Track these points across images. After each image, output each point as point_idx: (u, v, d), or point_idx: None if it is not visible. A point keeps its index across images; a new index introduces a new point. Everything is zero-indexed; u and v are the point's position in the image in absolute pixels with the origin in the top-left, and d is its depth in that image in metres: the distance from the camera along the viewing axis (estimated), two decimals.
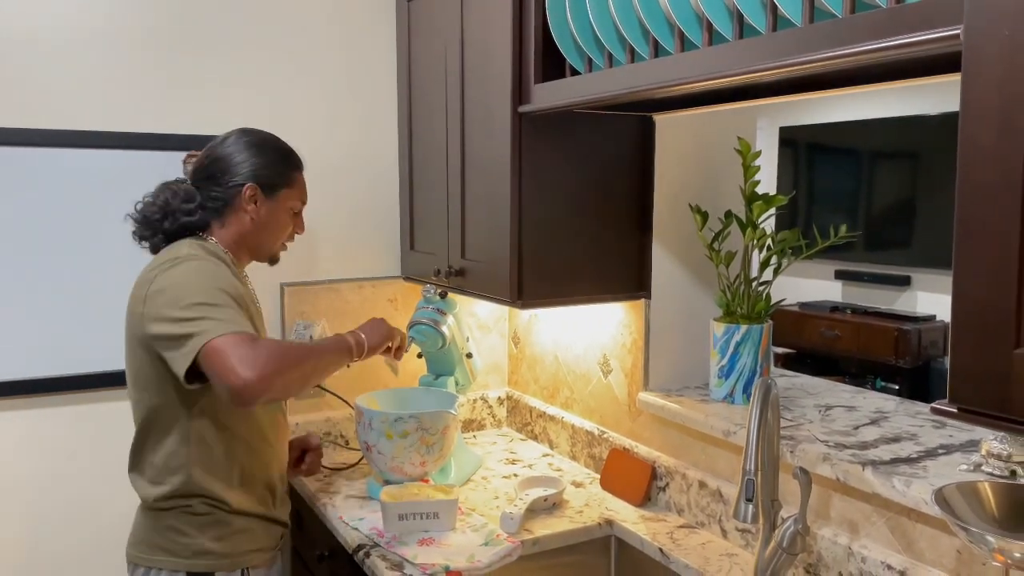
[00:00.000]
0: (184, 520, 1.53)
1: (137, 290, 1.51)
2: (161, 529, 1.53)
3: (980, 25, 0.82)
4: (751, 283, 1.73)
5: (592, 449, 2.07)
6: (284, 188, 1.64)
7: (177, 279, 1.46)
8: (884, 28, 0.97)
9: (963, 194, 0.85)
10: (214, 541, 1.54)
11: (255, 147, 1.62)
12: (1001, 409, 0.84)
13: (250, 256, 1.67)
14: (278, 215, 1.64)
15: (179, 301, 1.42)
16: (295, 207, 1.68)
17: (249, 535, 1.58)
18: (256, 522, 1.60)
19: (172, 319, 1.41)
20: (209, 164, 1.61)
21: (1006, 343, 0.82)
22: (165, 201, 1.59)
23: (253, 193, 1.60)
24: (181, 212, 1.59)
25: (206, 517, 1.53)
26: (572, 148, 1.77)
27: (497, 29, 1.73)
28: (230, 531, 1.55)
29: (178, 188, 1.61)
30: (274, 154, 1.64)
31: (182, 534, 1.53)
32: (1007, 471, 1.27)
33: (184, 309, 1.40)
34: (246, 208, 1.60)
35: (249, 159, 1.60)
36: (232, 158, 1.60)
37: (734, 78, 1.19)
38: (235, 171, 1.59)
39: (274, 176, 1.62)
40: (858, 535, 1.40)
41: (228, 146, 1.62)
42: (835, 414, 1.65)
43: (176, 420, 1.51)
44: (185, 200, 1.59)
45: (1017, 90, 0.79)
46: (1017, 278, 0.81)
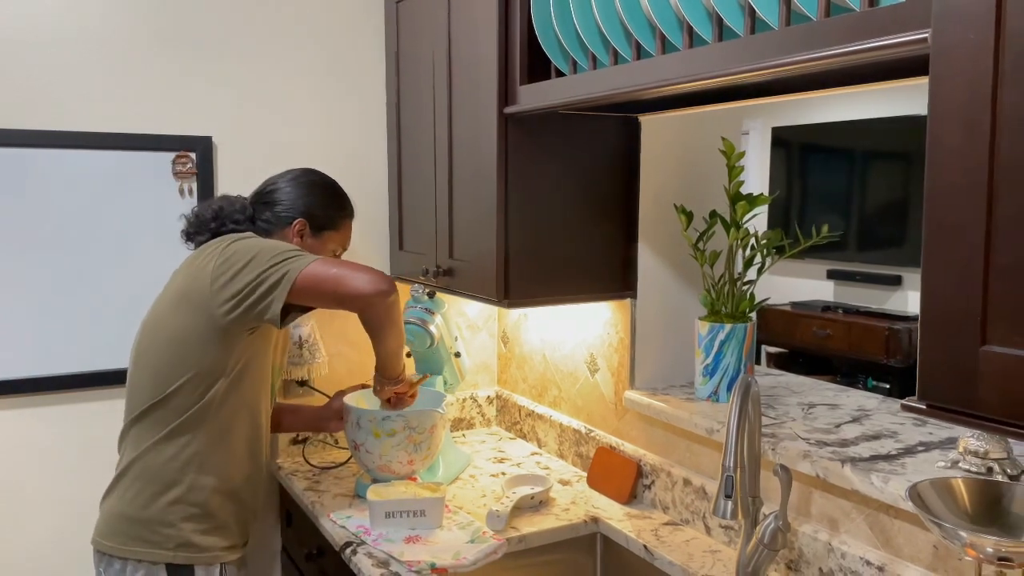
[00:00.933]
0: (174, 511, 1.56)
1: (198, 268, 1.56)
2: (145, 520, 1.56)
3: (946, 29, 0.83)
4: (735, 282, 1.75)
5: (579, 447, 2.08)
6: (330, 231, 1.78)
7: (254, 244, 1.56)
8: (857, 31, 0.99)
9: (931, 195, 0.86)
10: (199, 534, 1.57)
11: (316, 187, 1.78)
12: (968, 405, 0.86)
13: None
14: (318, 252, 1.73)
15: (264, 255, 1.52)
16: (336, 250, 1.81)
17: (227, 531, 1.63)
18: (233, 518, 1.65)
19: (258, 267, 1.50)
20: (269, 192, 1.76)
21: (972, 340, 0.84)
22: (220, 207, 1.72)
23: (302, 228, 1.73)
24: (231, 220, 1.70)
25: (196, 508, 1.57)
26: (558, 149, 1.78)
27: (483, 31, 1.75)
28: (213, 525, 1.60)
29: (235, 199, 1.75)
30: (329, 198, 1.79)
31: (168, 525, 1.55)
32: (984, 468, 1.28)
33: (272, 258, 1.51)
34: (291, 239, 1.72)
35: (306, 196, 1.75)
36: (291, 191, 1.75)
37: (713, 80, 1.21)
38: (290, 203, 1.74)
39: (324, 218, 1.76)
40: (838, 531, 1.42)
41: (289, 180, 1.77)
42: (818, 412, 1.67)
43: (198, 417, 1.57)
44: (238, 211, 1.71)
45: (982, 92, 0.81)
46: (983, 277, 0.83)
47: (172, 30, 2.04)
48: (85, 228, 1.98)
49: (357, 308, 1.54)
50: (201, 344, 1.55)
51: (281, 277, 1.49)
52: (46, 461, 2.00)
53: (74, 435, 2.02)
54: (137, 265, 2.03)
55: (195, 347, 1.55)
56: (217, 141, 2.09)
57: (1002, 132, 0.80)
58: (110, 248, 2.00)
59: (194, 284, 1.56)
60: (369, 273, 1.51)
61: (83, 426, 2.03)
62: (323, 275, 1.49)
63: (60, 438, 2.01)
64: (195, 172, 2.06)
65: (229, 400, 1.60)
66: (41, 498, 2.00)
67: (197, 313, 1.54)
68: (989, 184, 0.81)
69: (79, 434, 2.03)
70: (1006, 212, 0.81)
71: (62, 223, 1.96)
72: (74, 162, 1.95)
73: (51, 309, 1.96)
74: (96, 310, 2.00)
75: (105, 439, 2.02)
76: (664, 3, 1.29)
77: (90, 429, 2.03)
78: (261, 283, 1.50)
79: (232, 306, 1.52)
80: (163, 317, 1.60)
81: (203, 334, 1.54)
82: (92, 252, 1.99)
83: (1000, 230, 0.81)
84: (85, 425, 2.03)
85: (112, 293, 2.01)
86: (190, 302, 1.56)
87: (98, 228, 1.99)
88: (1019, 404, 0.81)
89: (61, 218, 1.96)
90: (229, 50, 2.10)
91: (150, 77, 2.02)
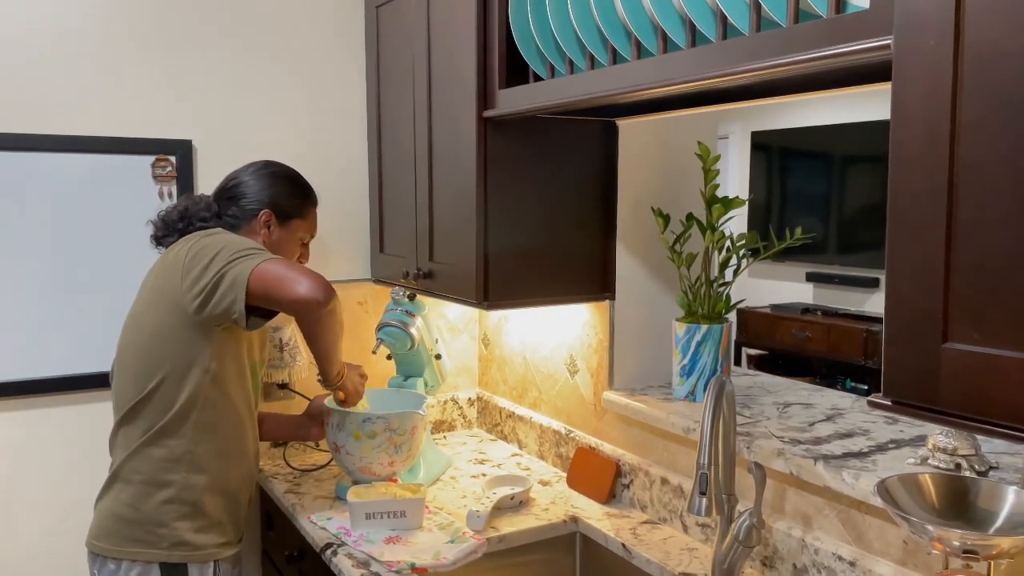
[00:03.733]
0: (167, 510, 1.58)
1: (170, 263, 1.59)
2: (140, 520, 1.57)
3: (907, 35, 0.86)
4: (711, 284, 1.77)
5: (559, 448, 2.10)
6: (297, 219, 1.79)
7: (219, 240, 1.58)
8: (824, 38, 1.01)
9: (893, 198, 0.89)
10: (192, 532, 1.59)
11: (278, 177, 1.79)
12: (931, 402, 0.88)
13: None
14: (287, 242, 1.78)
15: (225, 252, 1.54)
16: (304, 238, 1.83)
17: (221, 528, 1.65)
18: (226, 515, 1.67)
19: (219, 263, 1.52)
20: (232, 187, 1.78)
21: (934, 338, 0.87)
22: (185, 207, 1.73)
23: (268, 218, 1.75)
24: (198, 218, 1.71)
25: (189, 507, 1.59)
26: (537, 152, 1.80)
27: (462, 35, 1.77)
28: (207, 523, 1.62)
29: (199, 198, 1.76)
30: (292, 187, 1.81)
31: (162, 525, 1.57)
32: (952, 464, 1.32)
33: (232, 255, 1.53)
34: (259, 231, 1.74)
35: (269, 187, 1.76)
36: (254, 183, 1.76)
37: (687, 84, 1.23)
38: (254, 196, 1.75)
39: (290, 207, 1.78)
40: (811, 527, 1.44)
41: (251, 173, 1.78)
42: (792, 411, 1.70)
43: (183, 415, 1.58)
44: (203, 209, 1.72)
45: (941, 98, 0.83)
46: (944, 277, 0.85)
47: (152, 34, 2.04)
48: (65, 231, 1.98)
49: (293, 313, 1.55)
50: (177, 339, 1.56)
51: (236, 276, 1.51)
52: (35, 464, 1.99)
53: (59, 438, 2.02)
54: (118, 268, 2.02)
55: (171, 342, 1.57)
56: (197, 144, 2.10)
57: (961, 136, 0.83)
58: (90, 251, 2.00)
59: (167, 281, 1.58)
60: (312, 280, 1.51)
61: (67, 430, 2.02)
62: (269, 276, 1.51)
63: (45, 441, 2.00)
64: (175, 175, 2.06)
65: (212, 397, 1.61)
66: (33, 500, 1.99)
67: (171, 308, 1.57)
68: (949, 187, 0.84)
69: (64, 437, 2.02)
70: (966, 214, 0.83)
71: (42, 226, 1.95)
72: (54, 166, 1.95)
73: (32, 313, 1.96)
74: (78, 313, 1.99)
75: (92, 441, 2.02)
76: (639, 9, 1.31)
77: (75, 432, 2.02)
78: (221, 280, 1.52)
79: (201, 302, 1.54)
80: (141, 315, 1.62)
81: (178, 329, 1.56)
82: (72, 255, 1.99)
83: (960, 231, 0.84)
84: (69, 428, 2.02)
85: (93, 296, 2.01)
86: (164, 298, 1.58)
87: (78, 231, 1.99)
88: (979, 399, 0.84)
89: (41, 221, 1.95)
90: (209, 54, 2.11)
91: (130, 81, 2.02)
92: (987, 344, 0.83)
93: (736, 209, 1.74)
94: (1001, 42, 0.78)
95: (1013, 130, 0.78)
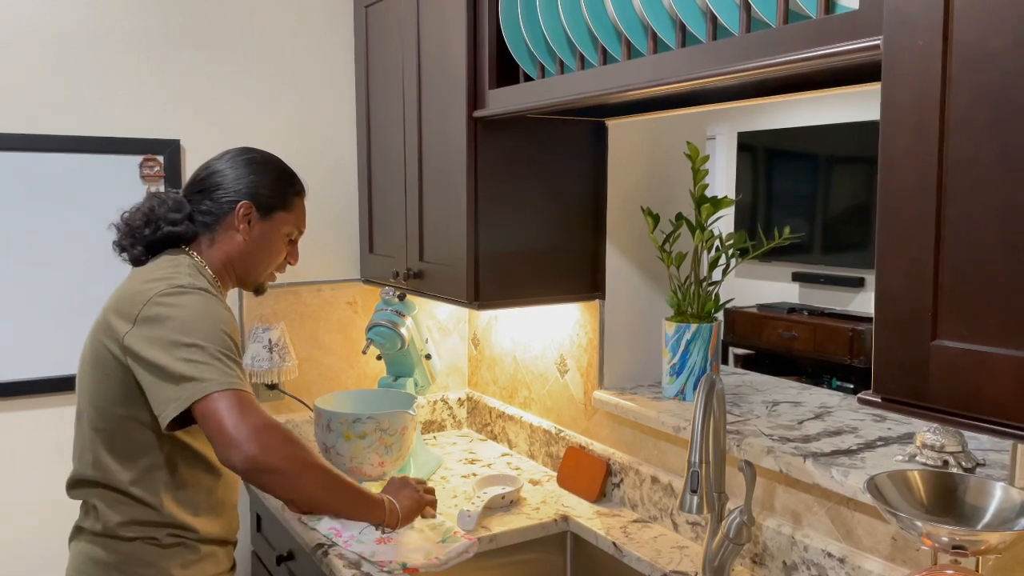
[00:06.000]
0: (148, 551, 1.43)
1: (123, 304, 1.39)
2: (119, 562, 1.42)
3: (897, 36, 0.87)
4: (701, 283, 1.78)
5: (550, 448, 2.11)
6: (281, 211, 1.56)
7: (180, 313, 1.35)
8: (814, 38, 1.02)
9: (883, 195, 0.90)
10: (180, 568, 1.45)
11: (257, 163, 1.56)
12: (920, 398, 0.89)
13: (236, 282, 1.58)
14: (271, 238, 1.56)
15: (181, 337, 1.32)
16: (291, 233, 1.60)
17: (213, 559, 1.52)
18: (219, 547, 1.54)
19: (169, 353, 1.31)
20: (204, 177, 1.55)
21: (924, 335, 0.87)
22: (151, 208, 1.51)
23: (248, 211, 1.52)
24: (165, 221, 1.50)
25: (173, 549, 1.45)
26: (528, 152, 1.81)
27: (452, 36, 1.77)
28: (197, 558, 1.48)
29: (166, 197, 1.53)
30: (274, 174, 1.57)
31: (146, 565, 1.43)
32: (940, 461, 1.33)
33: (188, 357, 1.31)
34: (238, 227, 1.52)
35: (247, 176, 1.53)
36: (229, 173, 1.53)
37: (677, 84, 1.24)
38: (231, 186, 1.52)
39: (272, 197, 1.55)
40: (801, 525, 1.45)
41: (226, 161, 1.55)
42: (781, 409, 1.71)
43: (146, 442, 1.41)
44: (172, 209, 1.51)
45: (930, 96, 0.84)
46: (933, 274, 0.86)
47: (140, 33, 2.03)
48: (52, 232, 1.96)
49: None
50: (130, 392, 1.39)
51: (179, 396, 1.30)
52: (30, 465, 1.98)
53: (44, 440, 2.00)
54: (105, 269, 2.01)
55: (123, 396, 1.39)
56: (185, 144, 2.09)
57: (950, 135, 0.84)
58: (77, 252, 1.99)
59: (109, 333, 1.39)
60: (254, 445, 1.28)
61: (53, 431, 2.01)
62: (211, 419, 1.29)
63: (31, 443, 1.99)
64: (163, 175, 2.05)
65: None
66: (30, 501, 1.98)
67: (113, 344, 1.38)
68: (939, 185, 0.85)
69: (49, 438, 2.00)
70: (955, 211, 0.84)
71: (28, 227, 1.94)
72: (41, 165, 1.94)
73: (17, 314, 1.94)
74: (64, 314, 1.98)
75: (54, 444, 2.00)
76: (629, 10, 1.32)
77: (60, 434, 2.01)
78: (165, 377, 1.31)
79: (134, 367, 1.35)
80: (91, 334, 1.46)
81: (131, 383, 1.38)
82: (59, 256, 1.97)
83: (949, 229, 0.85)
84: (55, 429, 2.01)
85: (81, 296, 1.99)
86: (107, 350, 1.39)
87: (65, 232, 1.97)
88: (968, 396, 0.85)
89: (27, 222, 1.94)
90: (197, 53, 2.10)
91: (118, 80, 2.01)
92: (976, 341, 0.84)
93: (725, 209, 1.75)
94: (988, 42, 0.79)
95: (1001, 128, 0.79)
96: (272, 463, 1.32)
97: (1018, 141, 0.78)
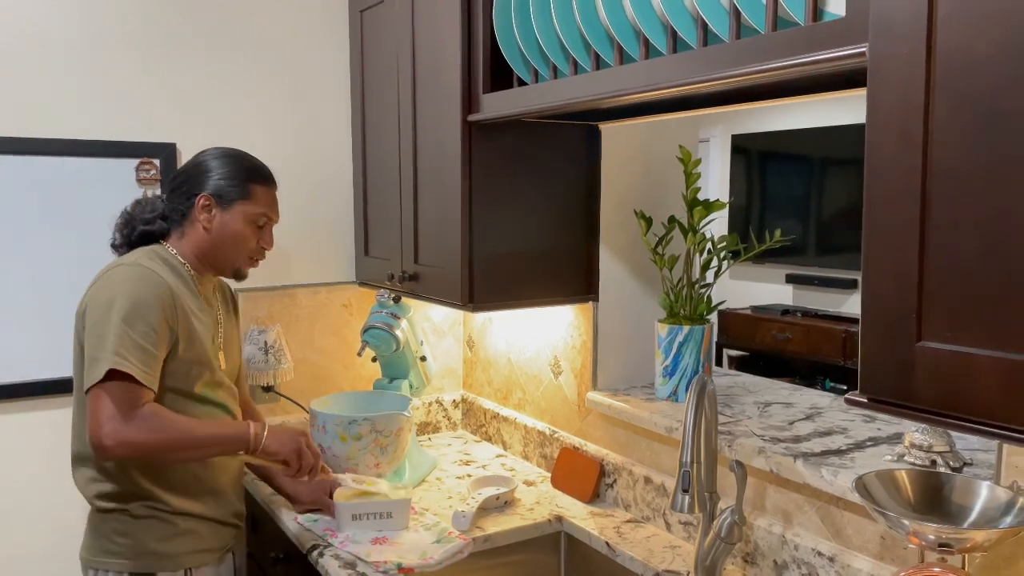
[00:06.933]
0: (125, 522, 1.56)
1: (85, 295, 1.58)
2: (106, 531, 1.57)
3: (882, 43, 0.89)
4: (693, 286, 1.80)
5: (544, 449, 2.12)
6: (239, 200, 1.65)
7: (102, 295, 1.52)
8: (802, 45, 1.04)
9: (869, 199, 0.91)
10: (157, 542, 1.57)
11: (218, 159, 1.67)
12: (905, 398, 0.91)
13: (213, 269, 1.68)
14: (232, 226, 1.64)
15: (99, 322, 1.48)
16: (256, 220, 1.67)
17: (194, 536, 1.61)
18: (202, 523, 1.62)
19: (90, 336, 1.49)
20: (175, 177, 1.71)
21: (909, 336, 0.89)
22: (130, 212, 1.68)
23: (207, 203, 1.63)
24: (140, 221, 1.66)
25: (148, 520, 1.56)
26: (522, 156, 1.82)
27: (447, 40, 1.78)
28: (174, 532, 1.58)
29: (146, 200, 1.70)
30: (234, 167, 1.66)
31: (124, 535, 1.56)
32: (928, 460, 1.35)
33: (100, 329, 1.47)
34: (199, 217, 1.64)
35: (207, 170, 1.66)
36: (192, 169, 1.67)
37: (668, 90, 1.25)
38: (196, 182, 1.65)
39: (229, 187, 1.64)
40: (791, 524, 1.47)
41: (196, 160, 1.69)
42: (773, 410, 1.72)
43: None
44: (145, 210, 1.67)
45: (914, 103, 0.86)
46: (918, 278, 0.88)
47: (136, 37, 2.04)
48: (48, 235, 1.97)
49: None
50: None
51: (86, 377, 1.46)
52: (30, 467, 1.99)
53: (38, 441, 2.01)
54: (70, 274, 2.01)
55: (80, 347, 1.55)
56: (181, 147, 2.10)
57: (934, 140, 0.86)
58: (74, 255, 1.99)
59: (77, 322, 1.57)
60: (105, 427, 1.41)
61: (47, 432, 2.01)
62: (90, 406, 1.44)
63: (26, 445, 2.00)
64: (159, 178, 2.06)
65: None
66: (31, 503, 1.99)
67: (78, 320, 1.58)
68: (923, 190, 0.87)
69: (44, 439, 2.01)
70: (938, 215, 0.86)
71: (25, 230, 1.95)
72: (37, 169, 1.94)
73: (15, 316, 1.95)
74: (63, 317, 1.98)
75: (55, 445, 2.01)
76: (621, 16, 1.33)
77: (56, 435, 2.02)
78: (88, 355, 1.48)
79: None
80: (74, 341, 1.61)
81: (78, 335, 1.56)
82: (55, 259, 1.98)
83: (933, 233, 0.87)
84: (49, 431, 2.01)
85: (76, 300, 2.00)
86: (78, 338, 1.57)
87: (62, 235, 1.98)
88: (953, 396, 0.87)
89: (24, 225, 1.95)
90: (193, 57, 2.11)
91: (114, 84, 2.02)
92: (960, 342, 0.86)
93: (717, 212, 1.76)
94: (971, 50, 0.81)
95: (984, 135, 0.81)
96: (123, 455, 1.44)
97: (1001, 148, 0.80)
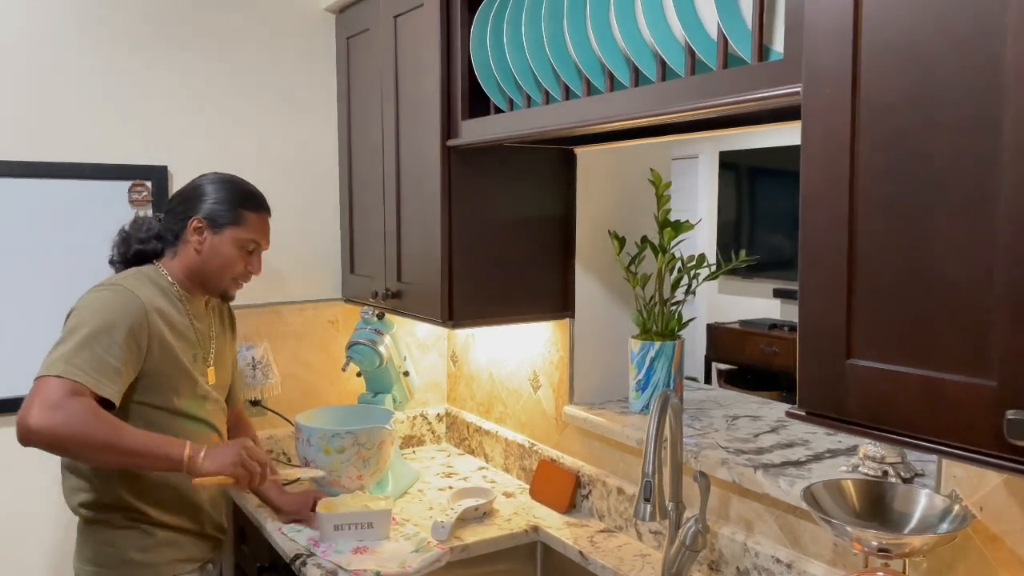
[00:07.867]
0: (107, 532, 1.63)
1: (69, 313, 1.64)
2: (91, 540, 1.64)
3: (812, 85, 0.97)
4: (665, 303, 1.87)
5: (523, 461, 2.18)
6: (230, 226, 1.71)
7: (82, 310, 1.59)
8: (747, 83, 1.12)
9: (804, 226, 0.99)
10: (138, 552, 1.63)
11: (214, 184, 1.75)
12: (839, 412, 0.98)
13: (201, 290, 1.76)
14: (222, 250, 1.71)
15: (69, 332, 1.54)
16: (246, 246, 1.73)
17: (174, 547, 1.68)
18: (181, 535, 1.69)
19: (57, 343, 1.54)
20: (172, 199, 1.79)
21: (839, 355, 0.96)
22: (127, 233, 1.76)
23: (200, 225, 1.71)
24: (135, 240, 1.74)
25: (129, 530, 1.63)
26: (499, 178, 1.90)
27: (427, 69, 1.86)
28: (154, 542, 1.65)
29: (142, 220, 1.79)
30: (228, 192, 1.73)
31: (108, 544, 1.63)
32: (880, 471, 1.41)
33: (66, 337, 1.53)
34: (190, 239, 1.71)
35: (205, 195, 1.73)
36: (188, 193, 1.75)
37: (629, 121, 1.33)
38: (191, 205, 1.72)
39: (222, 212, 1.71)
40: (753, 532, 1.54)
41: (194, 183, 1.76)
42: (740, 423, 1.79)
43: None
44: (142, 229, 1.76)
45: (841, 141, 0.94)
46: (847, 300, 0.95)
47: (128, 60, 2.11)
48: (41, 257, 2.03)
49: None
50: None
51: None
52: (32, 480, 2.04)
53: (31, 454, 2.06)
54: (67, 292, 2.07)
55: None
56: (172, 170, 2.17)
57: (859, 175, 0.93)
58: (66, 277, 2.05)
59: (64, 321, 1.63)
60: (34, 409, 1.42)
61: None
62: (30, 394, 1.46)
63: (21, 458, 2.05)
64: (151, 200, 2.13)
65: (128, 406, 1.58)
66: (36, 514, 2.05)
67: None
68: (850, 219, 0.94)
69: None
70: (864, 243, 0.93)
71: (17, 252, 2.01)
72: (29, 191, 2.01)
73: (9, 334, 2.01)
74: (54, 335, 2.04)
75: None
76: (588, 50, 1.41)
77: None
78: None
79: None
80: None
81: None
82: (48, 281, 2.04)
83: (859, 259, 0.94)
84: None
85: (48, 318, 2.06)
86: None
87: (55, 257, 2.04)
88: (880, 410, 0.94)
89: (16, 247, 2.01)
90: (185, 81, 2.18)
91: (106, 107, 2.09)
92: (885, 360, 0.93)
93: (686, 232, 1.84)
94: (888, 94, 0.89)
95: (903, 172, 0.89)
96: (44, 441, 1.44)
97: (917, 186, 0.88)
